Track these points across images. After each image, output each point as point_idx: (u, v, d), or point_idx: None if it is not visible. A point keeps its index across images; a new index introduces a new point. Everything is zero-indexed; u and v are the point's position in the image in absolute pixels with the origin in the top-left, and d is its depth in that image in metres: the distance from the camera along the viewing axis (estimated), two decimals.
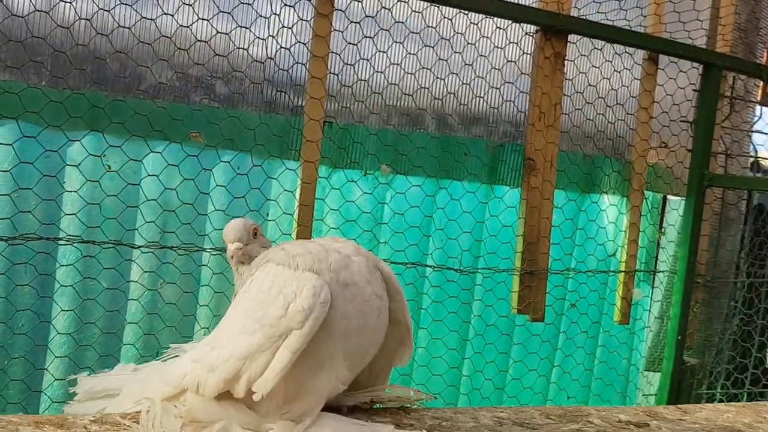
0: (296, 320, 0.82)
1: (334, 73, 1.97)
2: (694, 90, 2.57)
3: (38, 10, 1.63)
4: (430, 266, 2.17)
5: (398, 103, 2.08)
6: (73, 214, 1.70)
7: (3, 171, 1.62)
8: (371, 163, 2.06)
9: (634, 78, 2.47)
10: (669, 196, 2.66)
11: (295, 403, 0.84)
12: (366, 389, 0.97)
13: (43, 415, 0.85)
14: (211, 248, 1.84)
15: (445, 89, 2.15)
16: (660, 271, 2.60)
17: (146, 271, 1.78)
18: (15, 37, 1.62)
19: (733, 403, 1.43)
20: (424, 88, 2.12)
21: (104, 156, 1.74)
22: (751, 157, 2.86)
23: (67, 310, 1.69)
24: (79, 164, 1.71)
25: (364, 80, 2.03)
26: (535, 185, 2.26)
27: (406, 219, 2.10)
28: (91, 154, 1.72)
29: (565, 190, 2.37)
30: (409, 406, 1.00)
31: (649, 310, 2.59)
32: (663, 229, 2.63)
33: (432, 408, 1.04)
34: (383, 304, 0.92)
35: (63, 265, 1.70)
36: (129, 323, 1.76)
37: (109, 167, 1.74)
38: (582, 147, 2.42)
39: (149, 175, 1.78)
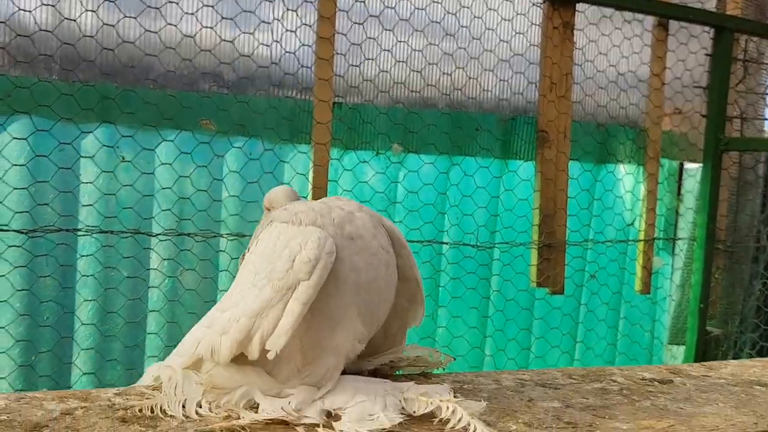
0: (303, 271, 0.81)
1: (341, 54, 1.96)
2: (706, 54, 2.54)
3: (44, 4, 1.64)
4: (447, 243, 2.17)
5: (407, 81, 2.08)
6: (90, 205, 1.71)
7: (19, 165, 1.64)
8: (382, 142, 2.06)
9: (645, 45, 2.44)
10: (685, 163, 2.63)
11: (314, 365, 0.84)
12: (384, 352, 0.97)
13: (67, 390, 0.86)
14: (227, 234, 1.85)
15: (453, 64, 2.14)
16: (679, 239, 2.58)
17: (165, 259, 1.79)
18: (23, 31, 1.63)
19: (758, 359, 1.42)
20: (433, 64, 2.11)
21: (117, 147, 1.75)
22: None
23: (90, 300, 1.71)
24: (94, 156, 1.72)
25: (372, 59, 2.02)
26: (549, 157, 2.25)
27: (419, 197, 2.10)
28: (104, 146, 1.73)
29: (579, 161, 2.36)
30: (429, 371, 1.00)
31: (671, 279, 2.57)
32: (681, 197, 2.60)
33: (453, 372, 1.04)
34: (390, 257, 0.92)
35: (83, 256, 1.71)
36: (151, 311, 1.78)
37: (123, 158, 1.75)
38: (595, 117, 2.40)
39: (162, 163, 1.79)
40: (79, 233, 1.70)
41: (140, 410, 0.80)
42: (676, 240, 2.58)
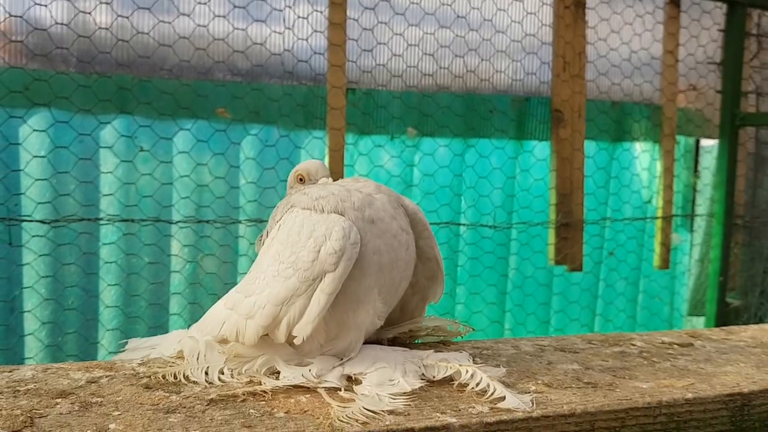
0: (329, 263, 0.82)
1: (353, 39, 1.97)
2: (719, 30, 2.53)
3: None
4: (464, 224, 2.18)
5: (420, 64, 2.08)
6: (111, 194, 1.74)
7: (40, 157, 1.67)
8: (397, 126, 2.07)
9: (657, 22, 2.43)
10: (702, 140, 2.62)
11: (336, 340, 0.85)
12: (404, 322, 0.99)
13: (92, 362, 0.88)
14: (246, 219, 1.87)
15: (465, 46, 2.14)
16: (698, 215, 2.57)
17: (185, 245, 1.81)
18: (40, 25, 1.66)
19: None
20: (445, 47, 2.11)
21: (135, 137, 1.77)
22: None
23: (113, 285, 1.74)
24: (112, 146, 1.75)
25: (384, 44, 2.03)
26: (565, 137, 2.25)
27: (435, 179, 2.11)
28: (122, 136, 1.75)
29: (595, 140, 2.36)
30: (448, 339, 1.01)
31: (689, 254, 2.57)
32: (698, 173, 2.59)
33: (472, 340, 1.05)
34: (410, 238, 0.93)
35: (106, 244, 1.74)
36: (173, 294, 1.81)
37: (141, 148, 1.78)
38: (609, 95, 2.39)
39: (180, 152, 1.81)
40: (101, 222, 1.73)
41: (164, 377, 0.82)
42: (694, 216, 2.57)
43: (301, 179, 0.99)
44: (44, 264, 1.68)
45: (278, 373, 0.83)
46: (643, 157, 2.47)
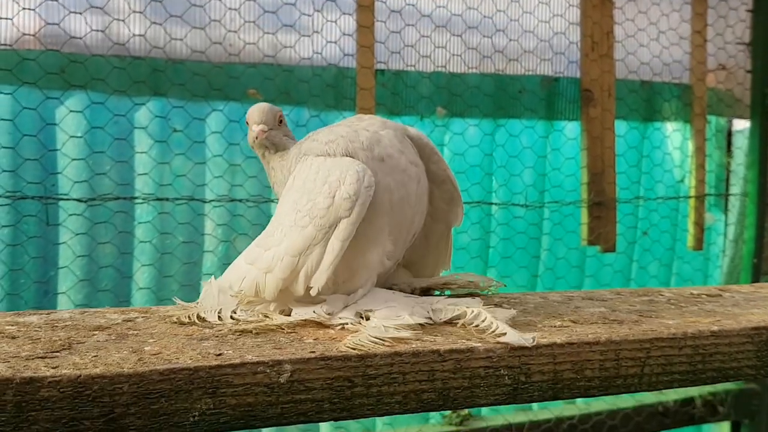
0: (344, 208, 0.82)
1: (381, 21, 1.99)
2: (747, 11, 2.50)
3: None
4: (495, 204, 2.18)
5: (448, 45, 2.09)
6: (146, 173, 1.78)
7: (77, 137, 1.71)
8: (426, 106, 2.08)
9: (685, 2, 2.41)
10: (734, 120, 2.59)
11: (346, 283, 0.86)
12: (440, 277, 0.99)
13: (127, 308, 0.90)
14: (277, 199, 1.90)
15: (494, 27, 2.15)
16: (731, 195, 2.53)
17: (219, 225, 1.84)
18: (75, 8, 1.71)
19: None
20: (473, 27, 2.12)
21: (169, 118, 1.81)
22: None
23: (147, 265, 1.78)
24: (147, 127, 1.78)
25: (412, 25, 2.05)
26: (595, 116, 2.24)
27: (466, 159, 2.11)
28: (156, 116, 1.79)
29: (625, 119, 2.34)
30: (478, 292, 1.02)
31: (724, 235, 2.53)
32: (731, 153, 2.56)
33: (501, 293, 1.06)
34: (420, 170, 0.92)
35: (140, 223, 1.78)
36: (205, 274, 1.83)
37: (175, 129, 1.81)
38: (639, 74, 2.38)
39: (213, 132, 1.85)
40: (136, 201, 1.77)
41: (179, 319, 0.83)
42: (728, 196, 2.54)
43: (281, 121, 0.99)
44: (80, 243, 1.71)
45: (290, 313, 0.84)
46: (674, 136, 2.45)
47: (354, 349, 0.71)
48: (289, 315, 0.83)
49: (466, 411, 2.02)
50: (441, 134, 2.11)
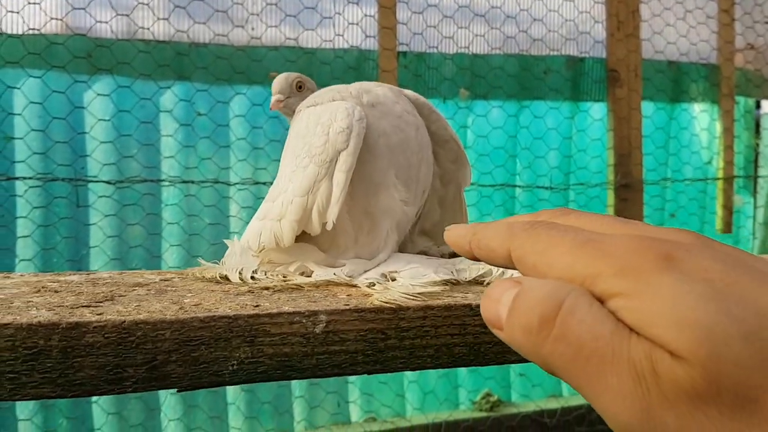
0: (340, 141, 0.82)
1: (403, 2, 1.98)
2: None
3: None
4: (520, 186, 2.16)
5: (471, 25, 2.08)
6: (172, 156, 1.79)
7: (105, 120, 1.72)
8: (449, 88, 2.07)
9: None
10: (763, 100, 2.55)
11: (369, 234, 0.85)
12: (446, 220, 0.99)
13: (163, 270, 0.90)
14: None
15: (517, 6, 2.13)
16: (760, 177, 2.50)
17: (243, 207, 1.85)
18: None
19: None
20: (496, 7, 2.11)
21: (193, 102, 1.82)
22: None
23: (175, 246, 1.78)
24: (172, 110, 1.79)
25: (434, 5, 2.04)
26: (621, 96, 2.21)
27: (489, 141, 2.10)
28: (181, 100, 1.80)
29: (652, 100, 2.31)
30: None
31: (753, 217, 2.49)
32: (759, 134, 2.52)
33: None
34: (418, 120, 0.91)
35: (168, 205, 1.79)
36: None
37: (199, 113, 1.82)
38: (666, 54, 2.35)
39: (236, 116, 1.85)
40: (163, 183, 1.78)
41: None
42: (756, 178, 2.50)
43: (300, 86, 0.99)
44: (110, 224, 1.73)
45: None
46: (701, 117, 2.41)
47: (386, 302, 0.71)
48: (310, 277, 0.82)
49: (496, 397, 2.01)
50: (464, 116, 2.10)
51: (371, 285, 0.78)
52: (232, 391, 1.88)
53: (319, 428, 1.90)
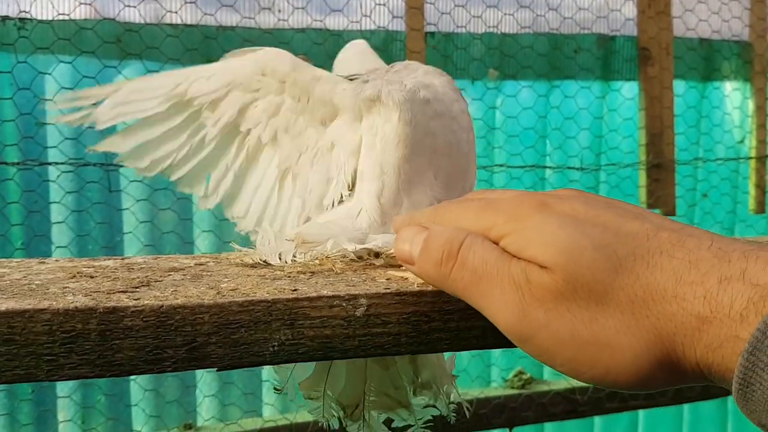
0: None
1: None
2: None
3: None
4: (550, 167, 2.14)
5: (500, 4, 2.05)
6: None
7: None
8: (478, 68, 2.04)
9: None
10: None
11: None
12: None
13: (198, 254, 0.90)
14: None
15: None
16: None
17: None
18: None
19: None
20: None
21: None
22: None
23: (206, 231, 1.79)
24: None
25: None
26: (653, 75, 2.17)
27: (519, 122, 2.08)
28: None
29: (684, 79, 2.27)
30: None
31: None
32: None
33: None
34: (471, 122, 0.89)
35: None
36: None
37: None
38: (697, 32, 2.30)
39: None
40: None
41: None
42: None
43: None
44: (142, 210, 1.74)
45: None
46: (734, 95, 2.37)
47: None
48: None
49: (528, 375, 2.00)
50: (493, 97, 2.08)
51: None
52: (266, 369, 1.90)
53: None
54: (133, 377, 1.76)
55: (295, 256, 0.83)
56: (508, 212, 0.45)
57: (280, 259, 0.82)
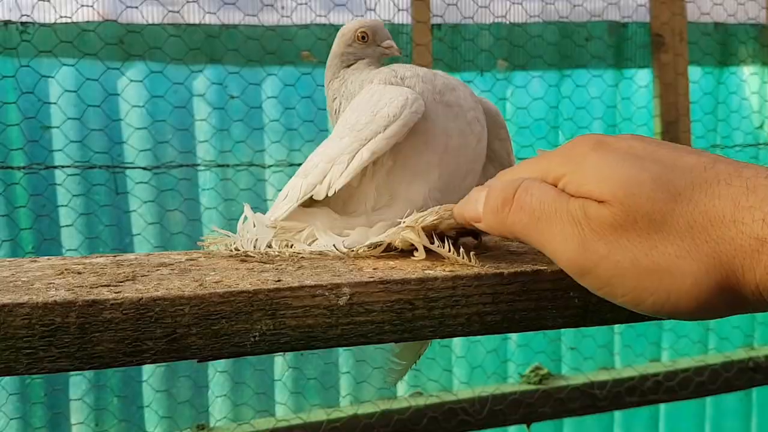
0: (380, 124, 0.80)
1: None
2: None
3: None
4: None
5: None
6: (206, 141, 1.78)
7: (139, 106, 1.72)
8: (486, 60, 2.01)
9: None
10: None
11: (385, 209, 0.83)
12: None
13: (191, 250, 0.89)
14: None
15: None
16: None
17: (279, 189, 1.83)
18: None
19: None
20: None
21: (225, 85, 1.80)
22: None
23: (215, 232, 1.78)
24: (204, 94, 1.78)
25: None
26: (667, 61, 2.13)
27: (530, 112, 2.04)
28: (213, 83, 1.78)
29: (699, 64, 2.22)
30: None
31: None
32: None
33: None
34: (483, 132, 0.88)
35: (204, 189, 1.78)
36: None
37: (232, 96, 1.81)
38: (712, 16, 2.25)
39: (269, 97, 1.83)
40: (199, 168, 1.77)
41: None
42: None
43: (363, 37, 0.95)
44: (149, 211, 1.73)
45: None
46: (751, 80, 2.31)
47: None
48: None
49: (545, 370, 1.97)
50: (503, 88, 2.05)
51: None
52: (279, 368, 1.88)
53: (364, 403, 1.89)
54: (145, 377, 1.76)
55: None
56: (563, 154, 0.47)
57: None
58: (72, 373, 1.67)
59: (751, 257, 0.38)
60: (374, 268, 0.71)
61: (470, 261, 0.68)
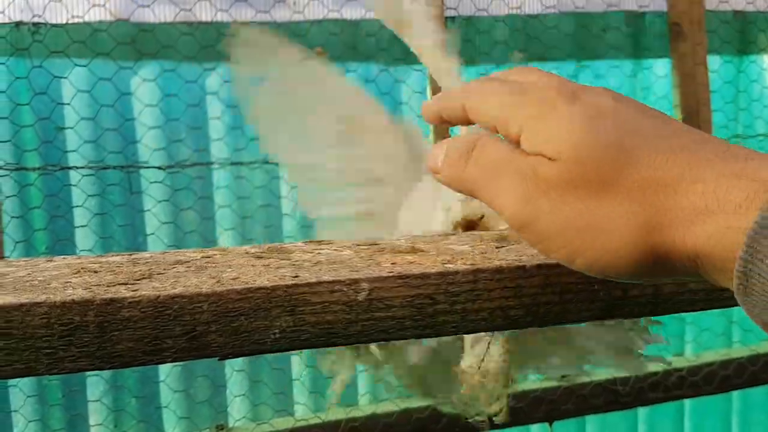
0: None
1: None
2: None
3: None
4: None
5: None
6: (220, 139, 1.77)
7: (152, 105, 1.71)
8: (502, 52, 1.98)
9: None
10: None
11: None
12: None
13: (207, 248, 0.88)
14: None
15: None
16: None
17: (293, 187, 1.81)
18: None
19: None
20: None
21: None
22: None
23: (229, 229, 1.77)
24: (217, 92, 1.77)
25: None
26: (685, 51, 2.09)
27: None
28: (226, 81, 1.77)
29: (718, 53, 2.18)
30: None
31: None
32: None
33: None
34: None
35: (218, 188, 1.77)
36: (287, 237, 1.82)
37: None
38: (730, 4, 2.21)
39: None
40: (213, 167, 1.76)
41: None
42: None
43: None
44: (164, 210, 1.72)
45: None
46: None
47: None
48: None
49: None
50: None
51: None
52: (296, 367, 1.87)
53: (383, 401, 1.87)
54: (162, 377, 1.75)
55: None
56: (533, 101, 0.46)
57: None
58: (89, 373, 1.67)
59: (688, 227, 0.39)
60: (392, 263, 0.70)
61: None
